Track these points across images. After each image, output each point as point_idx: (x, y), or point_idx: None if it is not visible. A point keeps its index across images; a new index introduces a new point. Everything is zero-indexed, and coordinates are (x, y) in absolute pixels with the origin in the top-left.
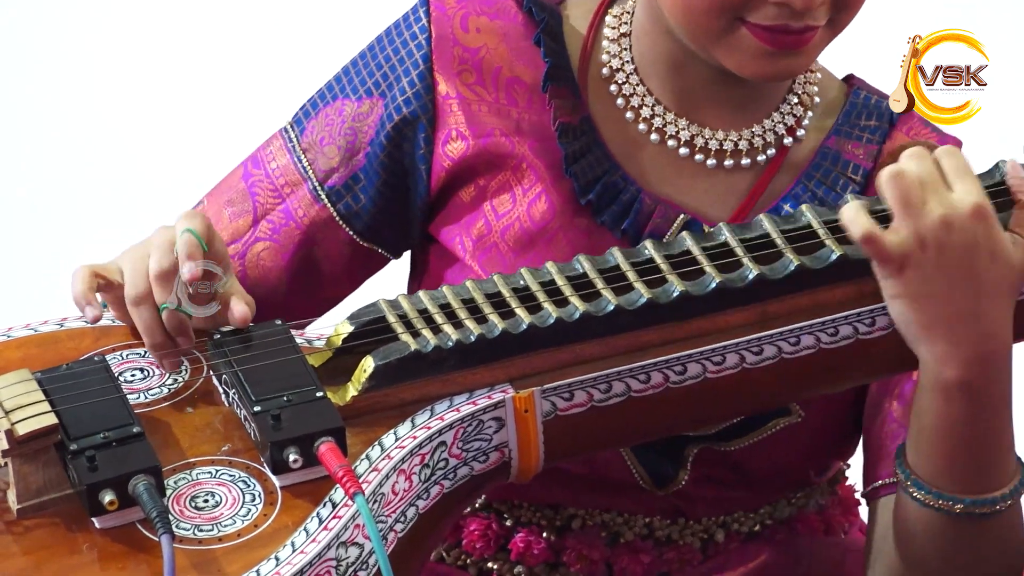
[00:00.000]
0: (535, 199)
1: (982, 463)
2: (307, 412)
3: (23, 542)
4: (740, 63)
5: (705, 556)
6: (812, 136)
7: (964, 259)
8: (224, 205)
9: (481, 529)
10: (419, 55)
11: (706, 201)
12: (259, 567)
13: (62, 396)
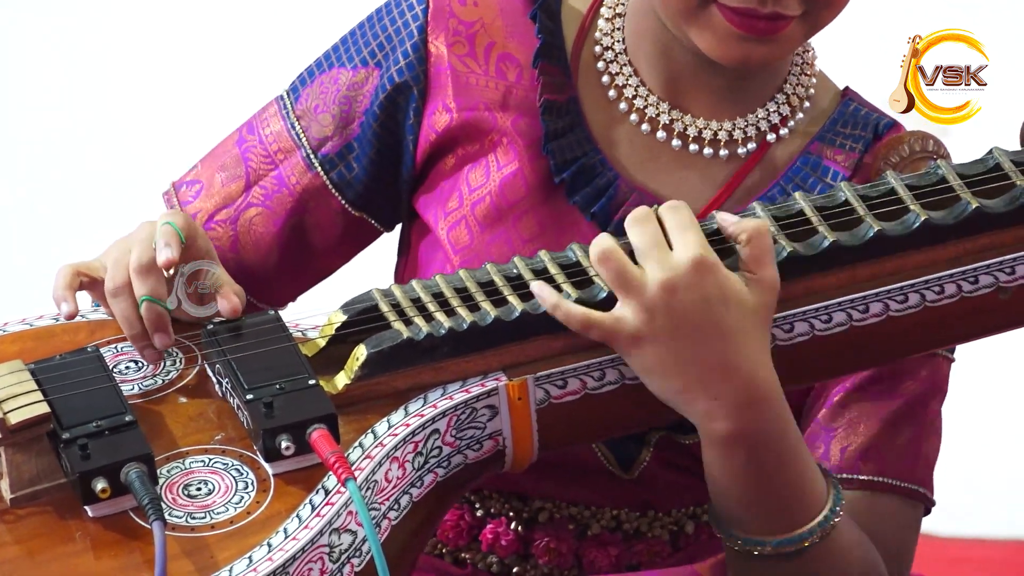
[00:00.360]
0: (510, 175)
1: (779, 503)
2: (299, 400)
3: (16, 531)
4: (711, 45)
5: (675, 548)
6: (797, 139)
7: (697, 315)
8: (217, 170)
9: (454, 520)
10: (415, 25)
11: (680, 191)
12: (251, 553)
13: (55, 385)
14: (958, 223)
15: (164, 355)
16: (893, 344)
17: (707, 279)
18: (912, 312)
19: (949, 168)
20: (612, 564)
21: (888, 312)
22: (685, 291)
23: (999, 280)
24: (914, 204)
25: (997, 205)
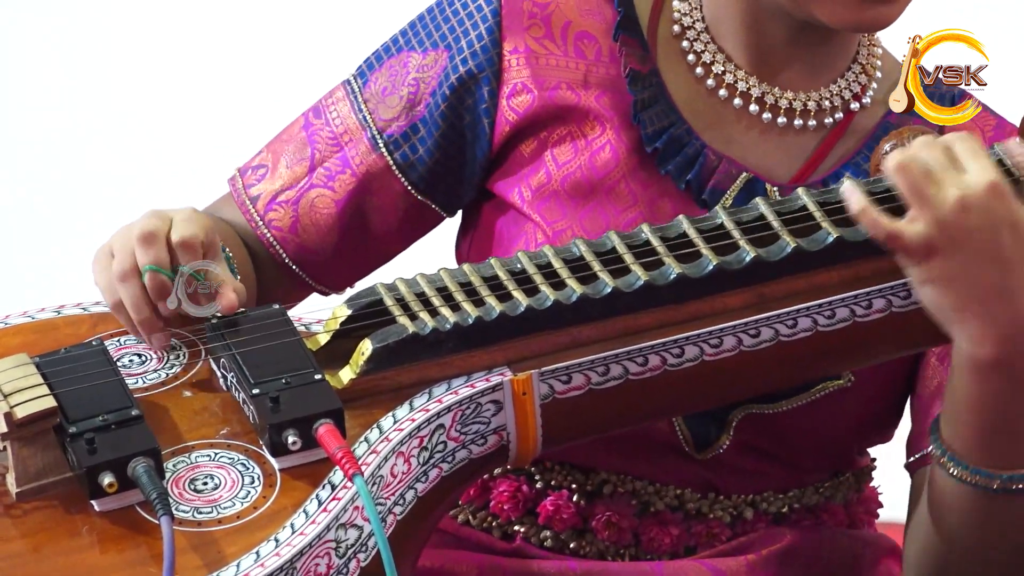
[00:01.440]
0: (599, 149)
1: (1018, 438)
2: (305, 394)
3: (22, 525)
4: (833, 13)
5: (733, 533)
6: (876, 107)
7: (987, 238)
8: (282, 153)
9: (510, 491)
10: (488, 10)
11: (771, 161)
12: (259, 548)
13: (60, 379)
14: None
15: (170, 346)
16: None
17: (1000, 204)
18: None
19: None
20: (671, 544)
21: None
22: (978, 212)
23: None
24: None
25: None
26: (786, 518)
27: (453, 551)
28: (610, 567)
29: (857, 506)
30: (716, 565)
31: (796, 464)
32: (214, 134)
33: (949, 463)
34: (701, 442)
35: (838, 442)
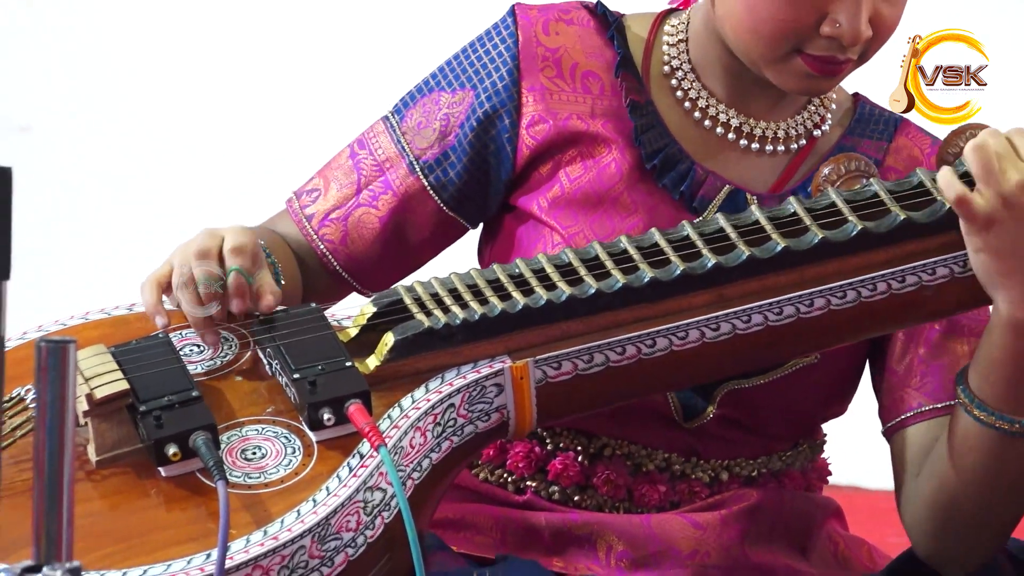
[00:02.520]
0: (606, 166)
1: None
2: (338, 378)
3: (101, 488)
4: (785, 82)
5: (710, 492)
6: (833, 133)
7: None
8: (333, 178)
9: (525, 452)
10: (508, 55)
11: (749, 176)
12: (299, 507)
13: (132, 366)
14: (888, 232)
15: (222, 339)
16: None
17: None
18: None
19: (880, 185)
20: (658, 499)
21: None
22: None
23: (923, 280)
24: (852, 216)
25: (921, 217)
26: (754, 481)
27: (472, 504)
28: (606, 519)
29: (811, 473)
30: (695, 518)
31: (766, 434)
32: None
33: (976, 409)
34: (689, 413)
35: (804, 413)
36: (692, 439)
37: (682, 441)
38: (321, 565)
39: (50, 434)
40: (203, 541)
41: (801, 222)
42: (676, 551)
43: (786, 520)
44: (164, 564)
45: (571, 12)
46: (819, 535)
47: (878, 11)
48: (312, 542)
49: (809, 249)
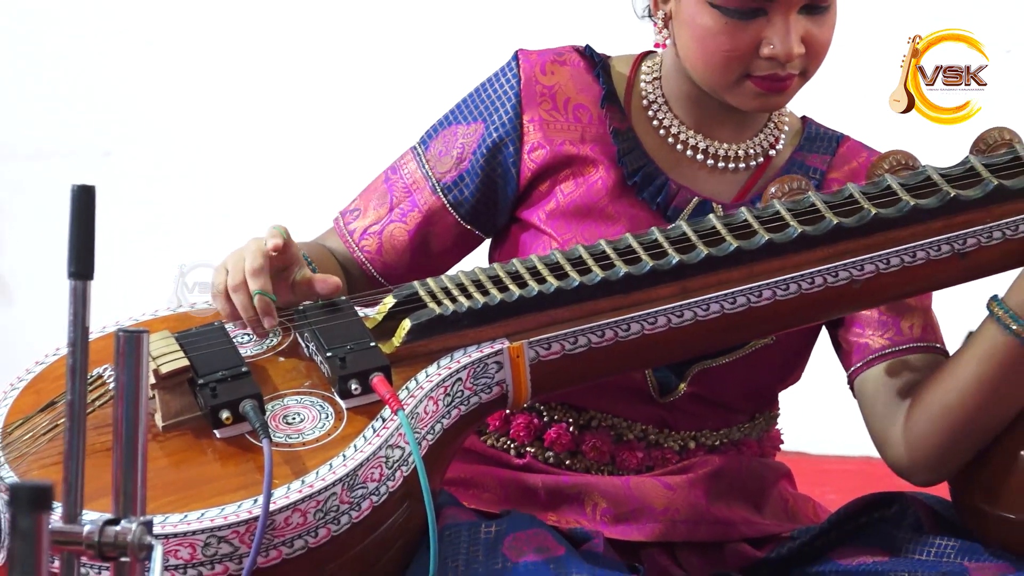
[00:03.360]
0: (594, 183)
1: None
2: (364, 356)
3: (166, 448)
4: (741, 102)
5: (680, 458)
6: (785, 151)
7: None
8: (370, 199)
9: (525, 423)
10: (512, 93)
11: (715, 190)
12: (331, 462)
13: (192, 347)
14: (824, 234)
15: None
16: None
17: None
18: (792, 297)
19: (818, 196)
20: (636, 464)
21: (775, 297)
22: None
23: (853, 275)
24: (793, 221)
25: (851, 222)
26: (717, 449)
27: (479, 466)
28: (592, 480)
29: (766, 442)
30: (667, 480)
31: (728, 408)
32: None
33: (1011, 320)
34: (664, 389)
35: (764, 386)
36: (665, 413)
37: (657, 415)
38: (350, 509)
39: (127, 405)
40: (251, 489)
41: (751, 227)
42: (651, 508)
43: (744, 481)
44: (219, 508)
45: (565, 55)
46: (772, 493)
47: (808, 31)
48: (342, 490)
49: (758, 248)
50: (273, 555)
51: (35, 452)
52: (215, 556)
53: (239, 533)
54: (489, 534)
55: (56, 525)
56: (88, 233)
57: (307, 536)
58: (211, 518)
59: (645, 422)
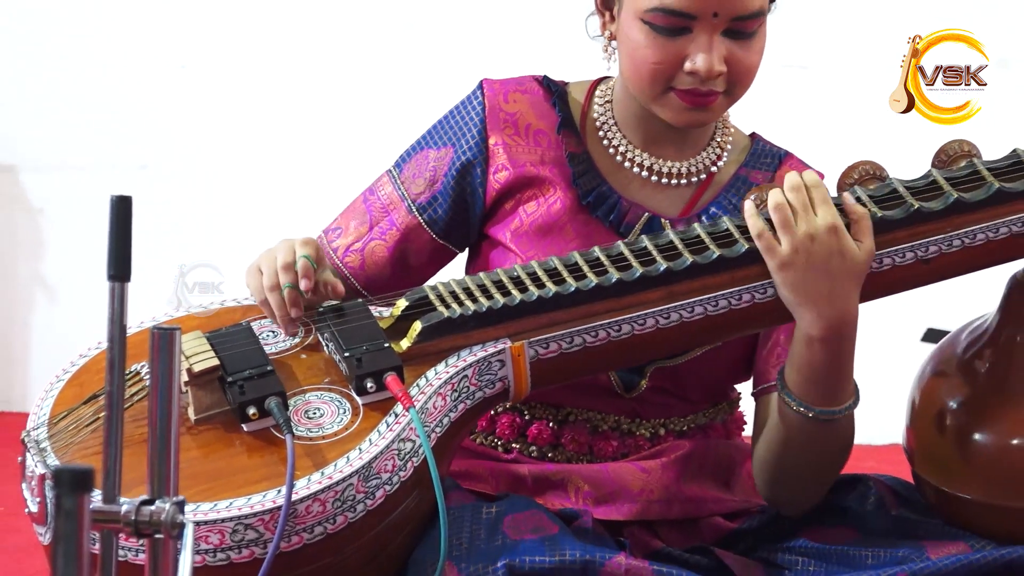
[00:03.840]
0: (553, 203)
1: (830, 387)
2: (378, 356)
3: (198, 440)
4: (669, 116)
5: (652, 444)
6: (730, 167)
7: (823, 260)
8: (351, 219)
9: (509, 421)
10: (478, 119)
11: (662, 206)
12: (349, 454)
13: (222, 347)
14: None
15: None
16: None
17: (835, 240)
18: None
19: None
20: (612, 452)
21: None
22: (820, 243)
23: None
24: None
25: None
26: (686, 434)
27: (474, 460)
28: (573, 468)
29: (731, 424)
30: (641, 465)
31: (689, 399)
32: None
33: (787, 398)
34: (628, 386)
35: (716, 382)
36: (635, 405)
37: (627, 407)
38: (365, 498)
39: (161, 399)
40: (275, 480)
41: (732, 235)
42: (628, 490)
43: (712, 462)
44: (245, 497)
45: (525, 84)
46: (739, 472)
47: (732, 53)
48: (358, 480)
49: (739, 256)
50: (295, 540)
51: (79, 442)
52: (242, 541)
53: (264, 521)
54: (490, 515)
55: (96, 505)
56: (125, 239)
57: (326, 523)
58: (239, 507)
59: (617, 414)
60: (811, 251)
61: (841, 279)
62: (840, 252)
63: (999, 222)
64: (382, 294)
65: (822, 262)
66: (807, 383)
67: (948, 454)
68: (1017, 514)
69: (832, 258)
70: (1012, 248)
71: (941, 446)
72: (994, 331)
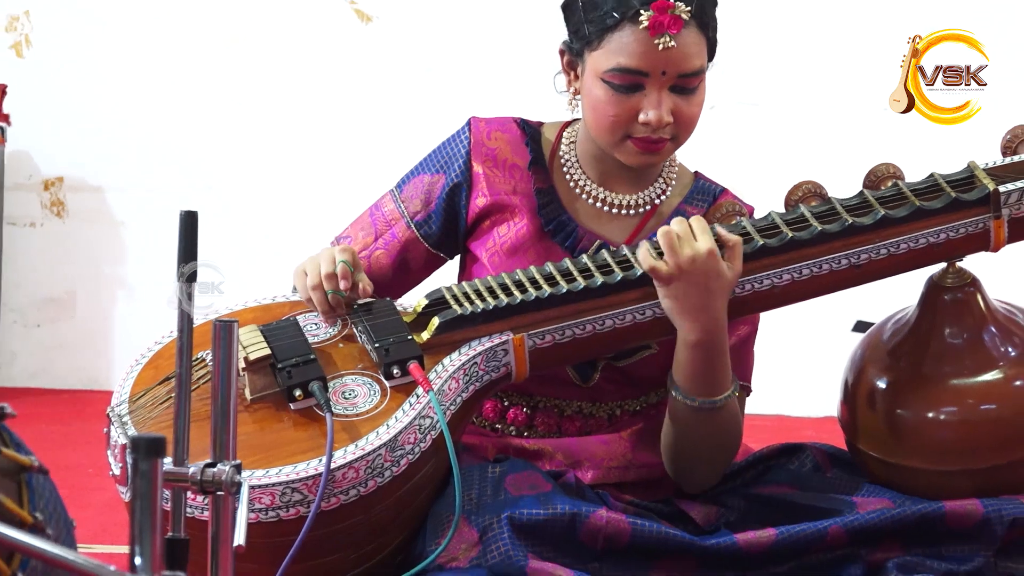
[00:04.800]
0: (520, 228)
1: (708, 382)
2: (403, 347)
3: (253, 416)
4: (625, 158)
5: (610, 423)
6: (673, 200)
7: (701, 279)
8: (359, 230)
9: (492, 407)
10: (464, 152)
11: (611, 232)
12: (378, 429)
13: (272, 338)
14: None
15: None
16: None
17: (712, 261)
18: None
19: (748, 222)
20: (577, 430)
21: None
22: (699, 264)
23: (775, 283)
24: None
25: (773, 243)
26: (639, 413)
27: (471, 436)
28: (547, 442)
29: None
30: (602, 438)
31: (638, 385)
32: None
33: (675, 393)
34: (584, 378)
35: (656, 374)
36: (593, 393)
37: (587, 394)
38: (392, 466)
39: (222, 381)
40: (318, 451)
41: None
42: (593, 459)
43: (660, 435)
44: (292, 465)
45: (506, 125)
46: None
47: (677, 106)
48: (386, 451)
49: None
50: (333, 501)
51: (154, 416)
52: (289, 502)
53: (308, 485)
54: (494, 474)
55: (168, 468)
56: (192, 247)
57: (359, 487)
58: (287, 474)
59: (579, 400)
60: (691, 271)
61: (715, 294)
62: (716, 272)
63: (919, 234)
64: (382, 295)
65: (701, 279)
66: (689, 380)
67: (876, 425)
68: (933, 474)
69: (709, 277)
70: (929, 255)
71: (870, 419)
72: (914, 323)
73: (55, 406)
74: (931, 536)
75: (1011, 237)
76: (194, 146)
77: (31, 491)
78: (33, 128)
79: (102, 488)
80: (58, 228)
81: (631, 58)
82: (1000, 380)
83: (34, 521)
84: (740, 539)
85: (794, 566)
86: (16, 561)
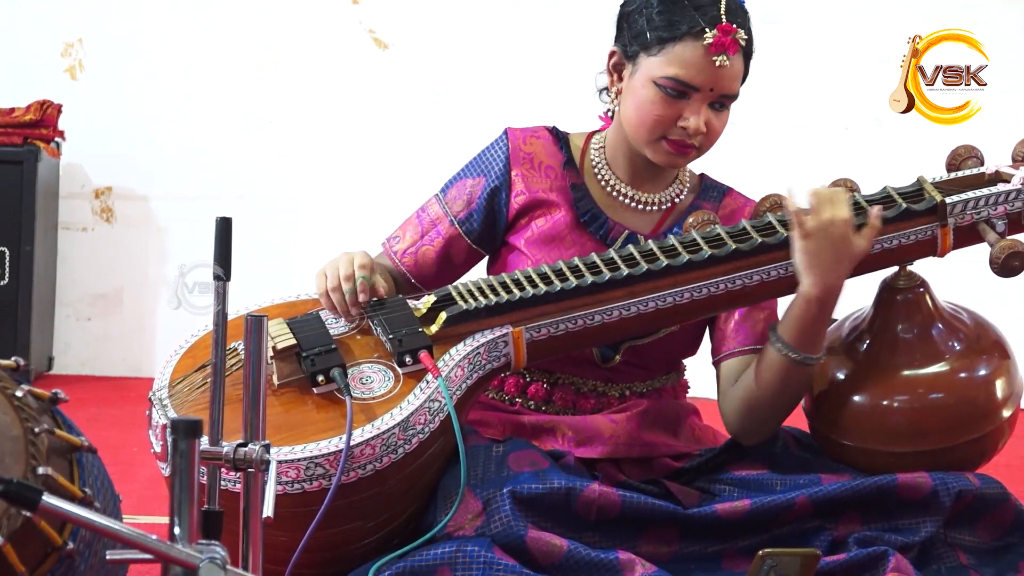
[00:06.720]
0: (558, 220)
1: (813, 338)
2: (414, 338)
3: (280, 399)
4: (656, 156)
5: (620, 402)
6: (687, 198)
7: (835, 240)
8: (407, 230)
9: (514, 383)
10: (503, 157)
11: (638, 225)
12: (392, 411)
13: (298, 330)
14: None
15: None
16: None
17: (847, 229)
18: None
19: (722, 228)
20: (590, 408)
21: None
22: (837, 226)
23: (746, 283)
24: (705, 246)
25: (745, 247)
26: (645, 394)
27: (487, 411)
28: (561, 419)
29: (679, 388)
30: (612, 417)
31: (649, 369)
32: None
33: (779, 344)
34: (605, 359)
35: (671, 356)
36: (608, 373)
37: (603, 375)
38: (404, 444)
39: (252, 369)
40: (338, 430)
41: (676, 249)
42: (601, 436)
43: (664, 416)
44: (315, 443)
45: (539, 132)
46: (684, 424)
47: (710, 120)
48: (399, 431)
49: (682, 265)
50: (352, 475)
51: (192, 401)
52: (312, 476)
53: (329, 461)
54: (498, 453)
55: (204, 447)
56: (227, 251)
57: (375, 462)
58: (310, 450)
59: (594, 379)
60: (830, 231)
61: (843, 258)
62: (848, 240)
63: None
64: (430, 287)
65: (834, 242)
66: (798, 333)
67: (835, 412)
68: (886, 455)
69: (843, 241)
70: (883, 260)
71: (830, 406)
72: (870, 320)
73: (103, 391)
74: (886, 506)
75: (956, 243)
76: (229, 160)
77: (81, 468)
78: (86, 143)
79: (145, 465)
80: (107, 232)
81: (688, 70)
82: (947, 371)
83: (84, 495)
84: (719, 508)
85: (767, 538)
86: (67, 531)
